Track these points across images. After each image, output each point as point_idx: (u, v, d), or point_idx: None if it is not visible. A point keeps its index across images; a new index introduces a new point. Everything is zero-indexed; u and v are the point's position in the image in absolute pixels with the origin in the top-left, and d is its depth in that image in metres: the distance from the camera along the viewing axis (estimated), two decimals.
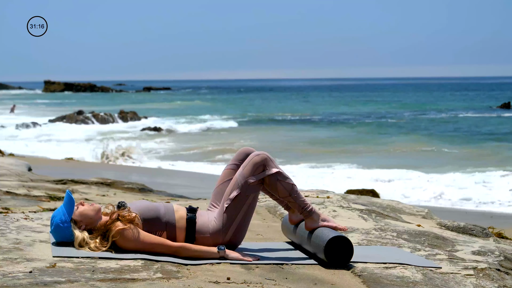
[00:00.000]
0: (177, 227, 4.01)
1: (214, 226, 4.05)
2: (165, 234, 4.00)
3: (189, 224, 4.03)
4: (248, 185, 4.06)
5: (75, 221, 3.91)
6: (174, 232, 4.01)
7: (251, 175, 4.07)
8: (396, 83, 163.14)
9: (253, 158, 4.10)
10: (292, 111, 48.29)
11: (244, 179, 4.07)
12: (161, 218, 4.00)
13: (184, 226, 4.02)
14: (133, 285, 3.26)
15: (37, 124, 33.55)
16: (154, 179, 14.38)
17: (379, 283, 3.63)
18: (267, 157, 4.10)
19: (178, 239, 4.02)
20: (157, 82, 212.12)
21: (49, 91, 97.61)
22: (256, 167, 4.08)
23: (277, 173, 4.08)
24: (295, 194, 4.12)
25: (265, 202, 6.09)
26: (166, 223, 4.00)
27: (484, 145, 24.17)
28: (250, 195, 4.07)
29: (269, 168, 4.08)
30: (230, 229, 4.05)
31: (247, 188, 4.06)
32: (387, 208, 6.15)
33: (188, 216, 4.05)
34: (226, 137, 29.19)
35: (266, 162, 4.09)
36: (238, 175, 4.11)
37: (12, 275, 3.30)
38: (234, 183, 4.09)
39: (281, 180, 4.09)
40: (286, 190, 4.10)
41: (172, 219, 4.02)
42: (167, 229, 4.00)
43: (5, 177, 8.46)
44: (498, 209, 12.19)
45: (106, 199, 7.84)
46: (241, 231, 4.10)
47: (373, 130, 31.56)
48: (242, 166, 4.12)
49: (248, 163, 4.10)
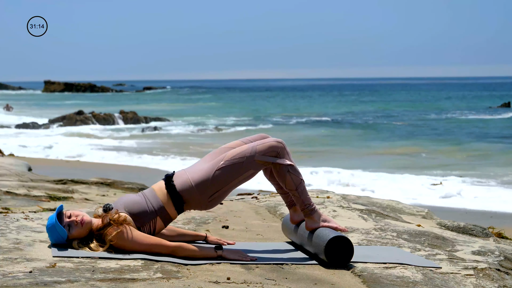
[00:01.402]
0: (165, 205, 4.00)
1: (200, 177, 4.00)
2: (159, 219, 3.99)
3: (171, 193, 4.01)
4: (253, 160, 4.04)
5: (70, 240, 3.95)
6: (166, 211, 4.00)
7: (262, 153, 4.06)
8: (407, 82, 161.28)
9: (271, 141, 4.09)
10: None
11: (253, 153, 4.04)
12: (148, 208, 3.99)
13: (169, 199, 4.00)
14: (133, 285, 3.26)
15: (36, 124, 33.55)
16: (154, 179, 14.35)
17: (379, 283, 3.63)
18: (284, 146, 4.10)
19: (171, 215, 4.01)
20: (158, 82, 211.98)
21: (49, 91, 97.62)
22: (270, 149, 4.06)
23: (290, 165, 4.08)
24: (301, 189, 4.11)
25: (265, 202, 6.09)
26: (154, 209, 3.99)
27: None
28: (250, 169, 4.05)
29: (282, 157, 4.08)
30: (216, 186, 4.00)
31: (251, 162, 4.04)
32: (387, 208, 6.15)
33: (166, 186, 4.03)
34: (227, 137, 29.20)
35: (281, 151, 4.08)
36: (249, 146, 4.08)
37: (12, 275, 3.30)
38: (241, 151, 4.06)
39: (292, 172, 4.08)
40: (294, 184, 4.09)
41: (157, 202, 4.01)
42: (158, 214, 3.99)
43: (5, 177, 8.46)
44: (498, 209, 12.19)
45: (106, 199, 7.84)
46: (223, 194, 4.06)
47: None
48: (257, 142, 4.10)
49: (264, 143, 4.08)
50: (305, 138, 27.89)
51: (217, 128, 32.73)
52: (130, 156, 21.33)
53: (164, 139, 27.60)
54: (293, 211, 4.37)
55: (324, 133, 30.40)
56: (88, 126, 33.68)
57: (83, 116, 35.24)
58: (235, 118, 40.88)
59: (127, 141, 26.57)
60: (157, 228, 4.02)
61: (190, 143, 25.97)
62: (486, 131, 30.55)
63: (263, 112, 47.98)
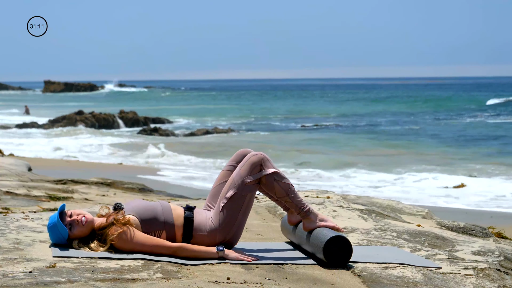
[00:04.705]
0: (176, 226, 4.02)
1: (210, 225, 4.05)
2: (164, 233, 4.00)
3: (186, 222, 4.03)
4: (244, 184, 4.06)
5: (71, 239, 3.95)
6: (173, 231, 4.01)
7: (248, 175, 4.06)
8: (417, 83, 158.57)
9: (250, 158, 4.10)
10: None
11: (241, 179, 4.07)
12: (159, 218, 4.00)
13: (181, 225, 4.02)
14: (133, 285, 3.26)
15: (36, 124, 33.54)
16: (154, 179, 14.38)
17: (379, 283, 3.63)
18: (264, 157, 4.10)
19: (176, 238, 4.02)
20: (158, 82, 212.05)
21: (49, 91, 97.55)
22: (253, 167, 4.08)
23: (274, 173, 4.08)
24: (292, 194, 4.12)
25: (265, 202, 6.09)
26: (164, 222, 4.00)
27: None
28: (246, 194, 4.07)
29: (266, 168, 4.09)
30: (226, 228, 4.05)
31: (244, 188, 4.06)
32: (387, 208, 6.15)
33: (185, 214, 4.05)
34: (227, 137, 29.20)
35: (263, 162, 4.09)
36: (235, 174, 4.11)
37: (12, 275, 3.30)
38: (231, 183, 4.09)
39: (278, 180, 4.09)
40: (283, 190, 4.10)
41: (170, 218, 4.02)
42: (166, 228, 4.00)
43: (5, 177, 8.46)
44: (498, 209, 12.19)
45: (106, 199, 7.84)
46: (238, 230, 4.10)
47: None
48: (239, 166, 4.12)
49: (245, 163, 4.10)
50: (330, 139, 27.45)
51: (216, 129, 32.71)
52: (130, 156, 21.34)
53: (164, 139, 27.59)
54: (290, 213, 4.36)
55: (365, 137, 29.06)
56: (88, 126, 33.66)
57: (83, 116, 35.22)
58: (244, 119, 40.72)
59: (127, 141, 26.57)
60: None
61: (190, 143, 25.97)
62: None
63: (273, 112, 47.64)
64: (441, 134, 29.06)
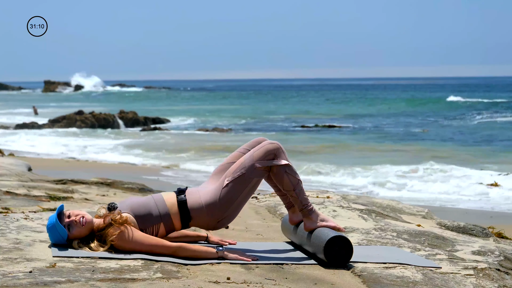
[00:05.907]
0: (172, 214, 4.02)
1: (209, 199, 4.04)
2: (162, 225, 4.00)
3: (181, 206, 4.03)
4: (254, 168, 4.06)
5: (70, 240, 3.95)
6: (170, 221, 4.02)
7: (260, 160, 4.07)
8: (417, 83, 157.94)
9: (266, 144, 4.11)
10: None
11: (251, 162, 4.07)
12: (153, 212, 4.00)
13: (177, 211, 4.03)
14: (133, 285, 3.26)
15: (36, 124, 33.54)
16: (154, 178, 14.38)
17: (379, 283, 3.63)
18: (279, 147, 4.11)
19: (175, 226, 4.03)
20: (158, 82, 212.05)
21: (49, 91, 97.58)
22: (267, 153, 4.08)
23: (286, 165, 4.09)
24: (299, 190, 4.12)
25: (265, 202, 6.09)
26: (160, 215, 4.01)
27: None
28: (253, 179, 4.07)
29: (279, 158, 4.09)
30: (225, 205, 4.03)
31: (253, 171, 4.06)
32: (387, 208, 6.15)
33: (178, 198, 4.05)
34: (227, 138, 29.20)
35: (278, 152, 4.09)
36: (247, 156, 4.10)
37: (12, 275, 3.30)
38: (241, 163, 4.08)
39: (289, 173, 4.09)
40: (291, 184, 4.10)
41: (165, 209, 4.02)
42: (163, 220, 4.01)
43: (5, 177, 8.46)
44: (498, 209, 12.19)
45: (106, 199, 7.84)
46: (234, 212, 4.09)
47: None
48: (253, 150, 4.12)
49: (260, 148, 4.10)
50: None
51: (216, 129, 32.71)
52: (130, 156, 21.33)
53: (164, 139, 27.59)
54: (292, 212, 4.37)
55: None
56: (88, 126, 33.66)
57: (83, 116, 35.22)
58: (243, 120, 40.73)
59: (127, 141, 26.57)
60: (159, 234, 4.03)
61: (189, 143, 25.97)
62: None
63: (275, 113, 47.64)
64: (451, 135, 28.89)
